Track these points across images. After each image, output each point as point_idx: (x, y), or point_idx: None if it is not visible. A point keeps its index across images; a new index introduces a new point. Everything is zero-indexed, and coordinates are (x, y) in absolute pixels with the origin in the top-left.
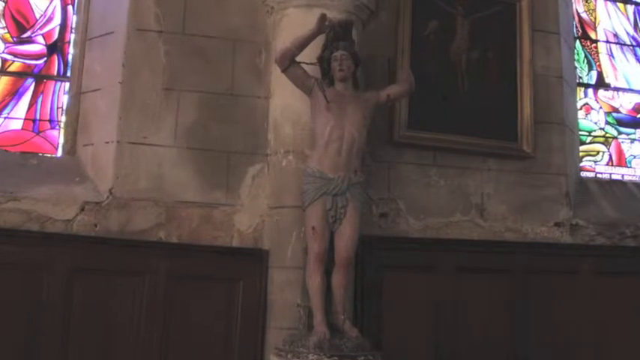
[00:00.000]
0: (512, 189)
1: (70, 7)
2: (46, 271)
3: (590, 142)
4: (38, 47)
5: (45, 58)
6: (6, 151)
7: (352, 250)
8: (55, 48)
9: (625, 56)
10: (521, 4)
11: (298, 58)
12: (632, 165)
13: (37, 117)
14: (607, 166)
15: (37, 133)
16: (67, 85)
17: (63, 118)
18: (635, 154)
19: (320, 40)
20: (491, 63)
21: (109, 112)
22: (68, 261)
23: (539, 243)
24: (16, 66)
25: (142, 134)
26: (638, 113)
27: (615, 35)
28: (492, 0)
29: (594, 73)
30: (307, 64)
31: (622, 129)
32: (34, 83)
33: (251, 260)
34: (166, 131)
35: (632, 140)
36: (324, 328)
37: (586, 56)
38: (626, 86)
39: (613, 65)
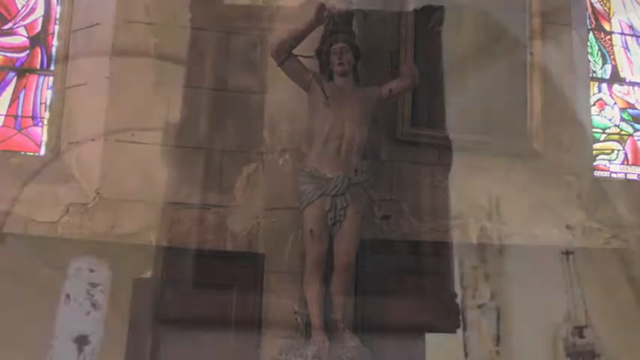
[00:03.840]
0: (522, 189)
1: None
2: None
3: (605, 140)
4: (20, 39)
5: (27, 51)
6: None
7: (352, 254)
8: (38, 40)
9: None
10: None
11: (295, 51)
12: None
13: (19, 113)
14: (622, 165)
15: (19, 131)
16: (51, 79)
17: (46, 115)
18: None
19: (318, 32)
20: (500, 56)
21: (95, 108)
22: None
23: (550, 246)
24: None
25: (130, 131)
26: None
27: (631, 27)
28: None
29: (608, 67)
30: (305, 57)
31: (638, 126)
32: (15, 77)
33: (245, 265)
34: (156, 128)
35: None
36: (323, 336)
37: (600, 49)
38: None
39: (628, 58)
